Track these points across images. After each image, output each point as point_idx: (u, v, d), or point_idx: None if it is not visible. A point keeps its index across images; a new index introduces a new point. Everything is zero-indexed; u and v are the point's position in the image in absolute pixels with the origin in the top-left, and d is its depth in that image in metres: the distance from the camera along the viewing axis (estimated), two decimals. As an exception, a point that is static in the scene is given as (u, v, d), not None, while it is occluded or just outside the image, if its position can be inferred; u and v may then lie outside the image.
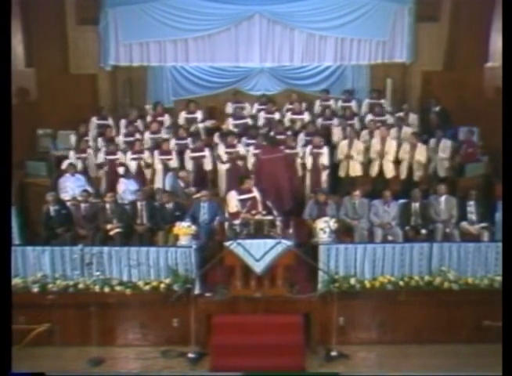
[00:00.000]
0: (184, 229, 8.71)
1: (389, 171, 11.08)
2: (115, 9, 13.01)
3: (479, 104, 12.56)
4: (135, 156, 11.00)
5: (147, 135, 11.79)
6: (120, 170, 10.82)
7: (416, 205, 9.77)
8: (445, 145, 11.19)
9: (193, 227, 8.82)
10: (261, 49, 13.29)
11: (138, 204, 9.88)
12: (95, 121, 12.29)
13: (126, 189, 10.47)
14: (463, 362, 7.96)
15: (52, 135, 12.48)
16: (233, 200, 9.68)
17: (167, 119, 12.40)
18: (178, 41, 13.26)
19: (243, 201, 9.48)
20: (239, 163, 10.99)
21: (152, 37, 13.17)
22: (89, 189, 10.46)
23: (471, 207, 9.84)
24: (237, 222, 8.61)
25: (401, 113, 12.34)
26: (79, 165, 11.06)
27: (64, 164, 11.02)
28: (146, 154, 11.06)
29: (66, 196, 10.42)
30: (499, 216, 9.23)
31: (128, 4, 12.98)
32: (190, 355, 8.10)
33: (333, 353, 8.12)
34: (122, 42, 13.21)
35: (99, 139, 11.74)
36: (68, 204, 10.10)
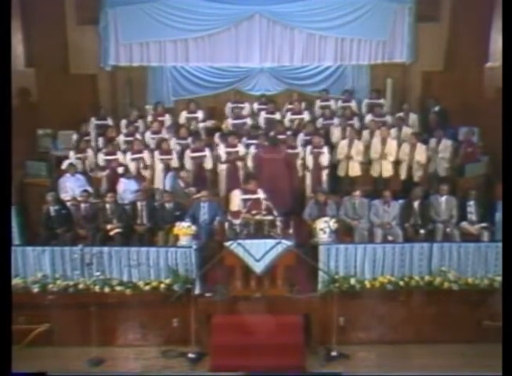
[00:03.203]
0: (184, 229, 8.71)
1: (388, 172, 11.08)
2: (115, 9, 13.02)
3: (479, 104, 12.55)
4: (134, 156, 10.99)
5: (148, 135, 11.81)
6: (120, 170, 10.83)
7: (416, 204, 9.78)
8: (445, 145, 11.19)
9: (193, 227, 8.82)
10: (261, 49, 13.31)
11: (138, 204, 9.88)
12: (94, 121, 12.30)
13: (126, 189, 10.48)
14: (462, 362, 7.96)
15: (52, 135, 12.48)
16: (236, 199, 9.69)
17: (167, 119, 12.42)
18: (178, 41, 13.27)
19: (245, 201, 9.49)
20: (239, 163, 10.98)
21: (152, 38, 13.18)
22: (89, 189, 10.46)
23: (471, 207, 9.84)
24: (237, 222, 8.61)
25: (401, 114, 12.35)
26: (79, 165, 11.07)
27: (64, 164, 11.03)
28: (146, 154, 11.06)
29: (66, 196, 10.42)
30: (499, 216, 9.23)
31: (127, 4, 12.98)
32: (190, 355, 8.10)
33: (333, 353, 8.12)
34: (122, 42, 13.22)
35: (100, 139, 11.76)
36: (68, 204, 10.10)
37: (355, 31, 13.12)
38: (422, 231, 9.53)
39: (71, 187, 10.59)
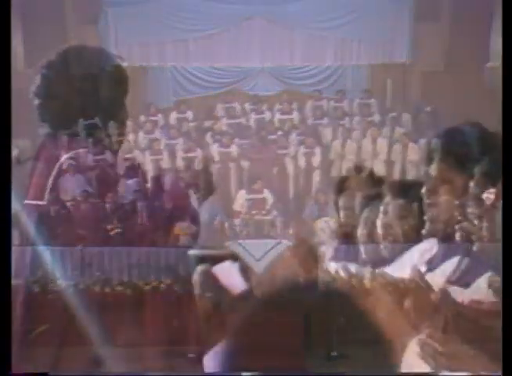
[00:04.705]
0: (184, 229, 8.74)
1: (381, 171, 11.09)
2: (115, 9, 13.06)
3: (479, 104, 12.55)
4: (126, 156, 11.02)
5: (141, 135, 11.83)
6: (120, 170, 10.87)
7: (415, 205, 9.78)
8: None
9: (193, 227, 8.84)
10: (261, 49, 13.32)
11: (138, 204, 9.89)
12: (81, 121, 12.26)
13: (126, 189, 10.50)
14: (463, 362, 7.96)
15: (52, 135, 12.47)
16: (240, 199, 9.72)
17: (160, 119, 12.45)
18: (178, 41, 13.29)
19: (249, 201, 9.52)
20: (231, 163, 10.99)
21: (152, 38, 13.20)
22: (89, 189, 10.48)
23: (471, 207, 9.84)
24: (237, 222, 8.64)
25: (394, 114, 12.36)
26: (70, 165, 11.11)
27: (64, 164, 11.05)
28: (137, 154, 11.08)
29: (66, 196, 10.44)
30: (499, 216, 9.23)
31: (127, 4, 13.01)
32: (190, 355, 8.11)
33: (333, 353, 8.12)
34: (122, 42, 13.23)
35: (89, 140, 11.77)
36: (68, 204, 10.12)
37: (355, 31, 13.15)
38: (423, 232, 9.53)
39: (71, 187, 10.60)
